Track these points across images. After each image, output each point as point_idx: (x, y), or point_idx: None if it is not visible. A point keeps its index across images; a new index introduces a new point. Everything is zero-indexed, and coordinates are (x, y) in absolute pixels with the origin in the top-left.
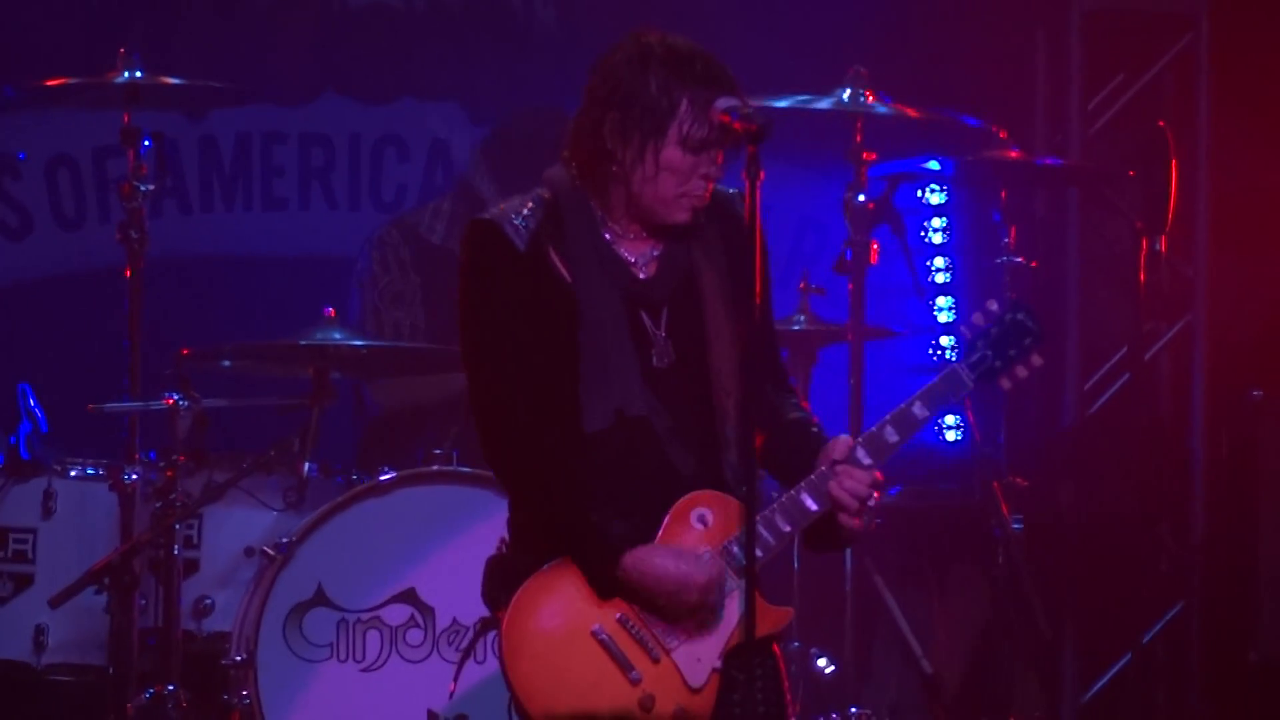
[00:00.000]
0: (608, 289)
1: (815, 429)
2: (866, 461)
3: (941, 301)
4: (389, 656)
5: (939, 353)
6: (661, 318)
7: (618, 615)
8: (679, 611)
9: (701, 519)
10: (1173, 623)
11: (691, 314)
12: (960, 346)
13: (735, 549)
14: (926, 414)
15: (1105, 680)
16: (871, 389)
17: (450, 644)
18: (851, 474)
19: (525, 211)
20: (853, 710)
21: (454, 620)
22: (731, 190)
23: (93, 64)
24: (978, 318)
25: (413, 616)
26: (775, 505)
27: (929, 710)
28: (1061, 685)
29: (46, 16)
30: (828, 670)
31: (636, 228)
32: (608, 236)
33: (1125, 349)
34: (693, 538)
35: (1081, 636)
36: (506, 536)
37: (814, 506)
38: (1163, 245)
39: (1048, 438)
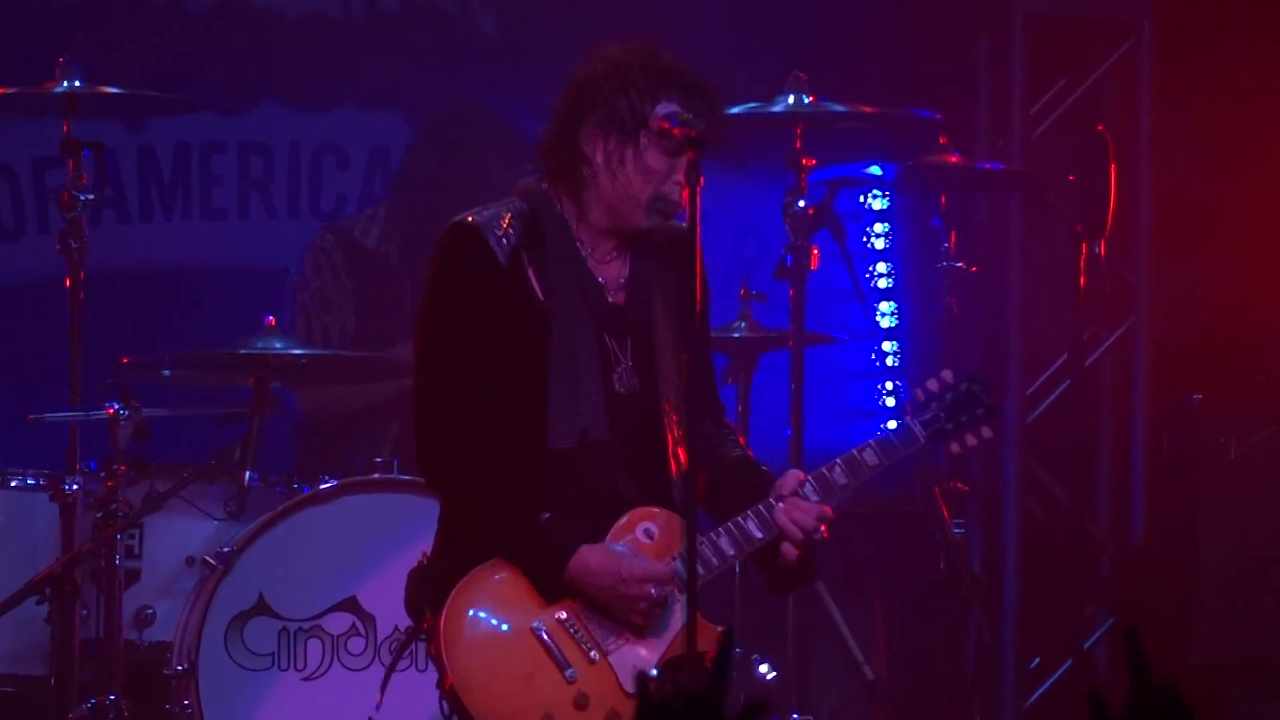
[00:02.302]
0: (581, 311)
1: (762, 470)
2: (814, 498)
3: (884, 307)
4: (330, 665)
5: (880, 358)
6: (626, 345)
7: (559, 615)
8: (623, 607)
9: (648, 533)
10: (1114, 627)
11: (649, 344)
12: (913, 405)
13: (679, 564)
14: (877, 462)
15: (1047, 686)
16: (812, 395)
17: (392, 653)
18: (799, 505)
19: (505, 224)
20: (795, 716)
21: (395, 629)
22: (684, 225)
23: (31, 73)
24: (932, 383)
25: (354, 625)
26: (721, 528)
27: (871, 716)
28: (1003, 691)
29: None
30: (769, 676)
31: (607, 243)
32: (583, 253)
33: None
34: (637, 549)
35: (1023, 642)
36: (429, 549)
37: (759, 534)
38: (1102, 250)
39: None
